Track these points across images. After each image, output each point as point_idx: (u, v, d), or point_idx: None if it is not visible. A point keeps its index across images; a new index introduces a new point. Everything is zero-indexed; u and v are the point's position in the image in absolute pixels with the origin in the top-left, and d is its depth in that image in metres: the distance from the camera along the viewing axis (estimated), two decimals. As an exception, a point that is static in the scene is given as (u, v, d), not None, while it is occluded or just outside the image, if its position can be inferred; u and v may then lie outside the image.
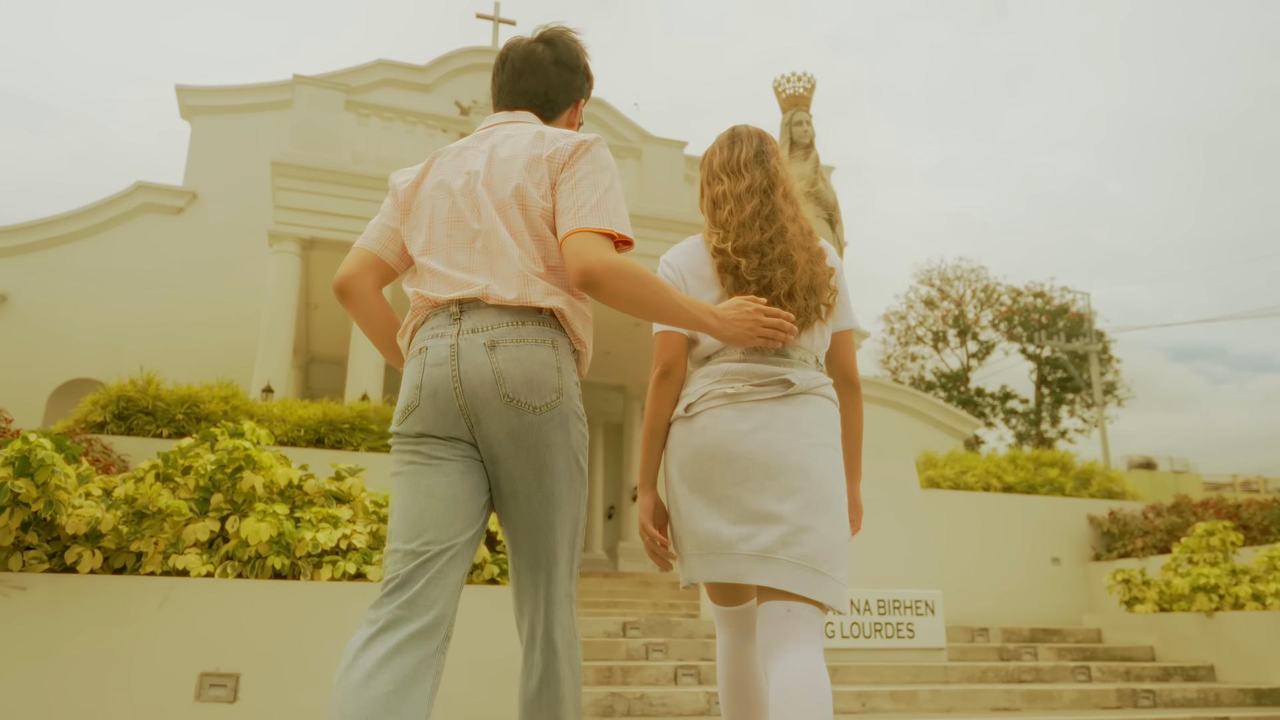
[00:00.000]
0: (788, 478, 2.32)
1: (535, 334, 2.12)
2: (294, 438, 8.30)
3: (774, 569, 2.25)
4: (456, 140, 13.32)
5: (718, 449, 2.38)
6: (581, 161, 2.21)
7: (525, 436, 2.09)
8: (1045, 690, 5.95)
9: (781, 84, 8.04)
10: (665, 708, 5.11)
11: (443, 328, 2.14)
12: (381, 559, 4.55)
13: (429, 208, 2.25)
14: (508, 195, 2.18)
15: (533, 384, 2.09)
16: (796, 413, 2.40)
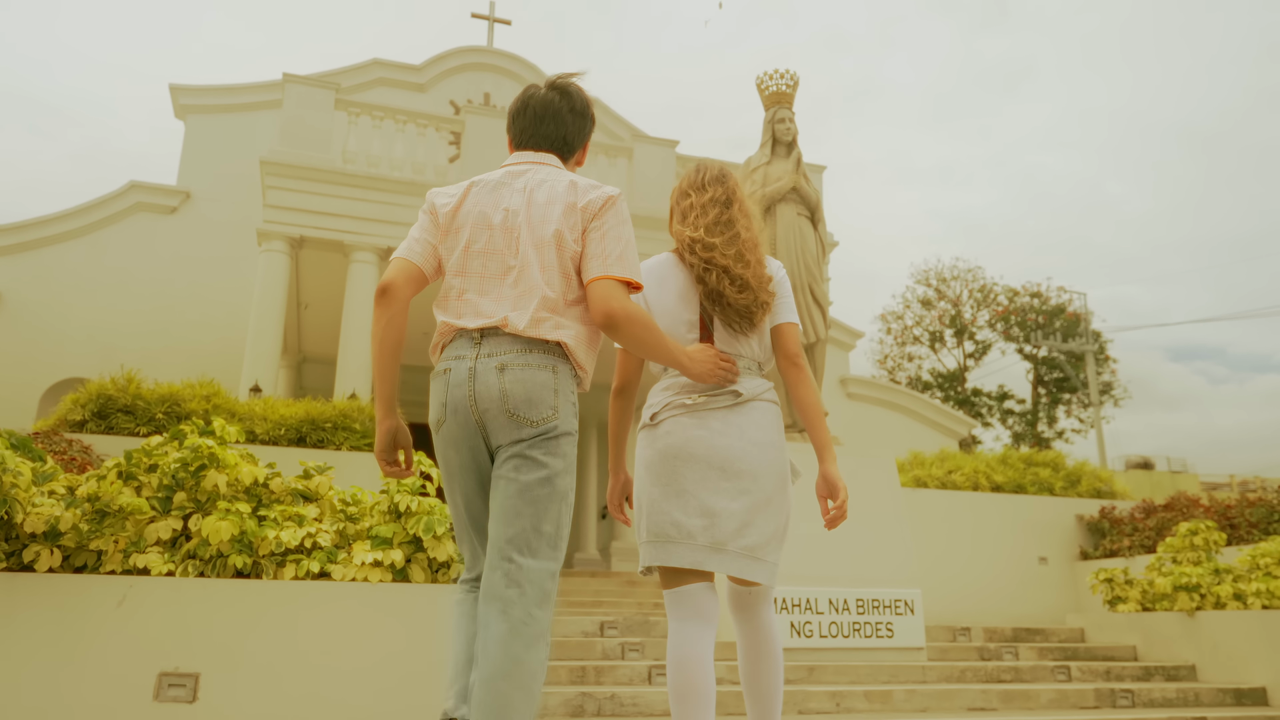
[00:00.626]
0: (739, 480, 2.82)
1: (539, 360, 2.52)
2: (275, 437, 8.27)
3: (723, 558, 2.76)
4: (446, 138, 13.30)
5: (680, 450, 2.84)
6: (609, 215, 2.63)
7: (519, 453, 2.48)
8: (1023, 690, 5.92)
9: (764, 81, 8.01)
10: (636, 708, 5.08)
11: (464, 350, 2.55)
12: (346, 558, 4.53)
13: (467, 234, 2.62)
14: (548, 236, 2.57)
15: (532, 401, 2.48)
16: (745, 419, 2.88)
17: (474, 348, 2.53)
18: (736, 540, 2.79)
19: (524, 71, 21.49)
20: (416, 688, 4.35)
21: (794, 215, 7.64)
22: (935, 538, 9.45)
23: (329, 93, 13.25)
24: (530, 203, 2.63)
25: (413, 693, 4.34)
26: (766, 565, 2.82)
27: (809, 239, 7.65)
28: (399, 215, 12.92)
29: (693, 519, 2.79)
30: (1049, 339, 29.80)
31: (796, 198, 7.72)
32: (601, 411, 19.08)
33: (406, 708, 4.31)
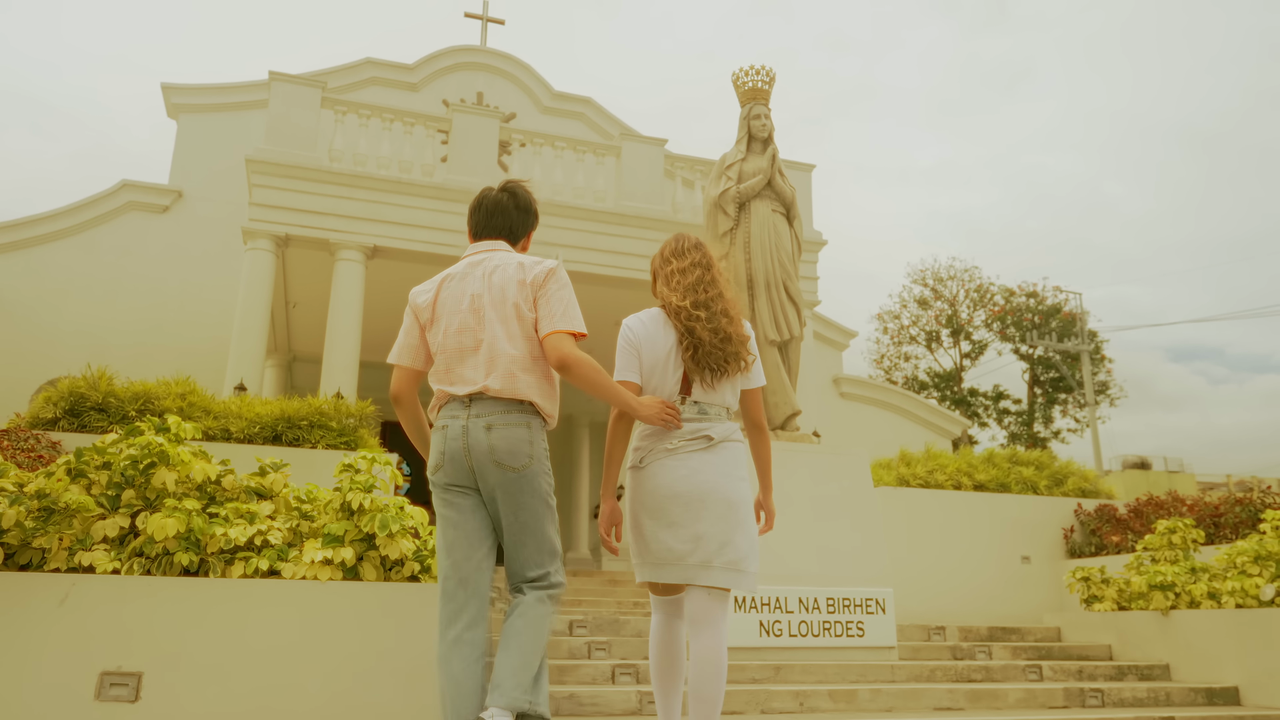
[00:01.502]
0: (717, 508, 3.40)
1: (518, 419, 3.27)
2: (251, 435, 8.24)
3: (711, 573, 3.36)
4: (433, 134, 13.26)
5: (668, 489, 3.43)
6: (551, 283, 3.37)
7: (508, 491, 3.24)
8: (991, 690, 5.88)
9: (740, 77, 7.97)
10: (595, 707, 5.04)
11: (458, 412, 3.30)
12: (296, 555, 4.49)
13: (444, 320, 3.37)
14: (508, 310, 3.32)
15: (514, 453, 3.23)
16: (718, 458, 3.48)
17: (465, 410, 3.29)
18: (720, 557, 3.37)
19: (517, 71, 21.47)
20: (366, 687, 4.31)
21: (768, 211, 7.60)
22: (917, 537, 9.40)
23: (315, 91, 13.22)
24: (489, 286, 3.36)
25: (362, 691, 4.30)
26: (748, 576, 3.41)
27: (784, 235, 7.61)
28: (385, 214, 12.90)
29: (683, 544, 3.40)
30: (1044, 339, 29.73)
31: (771, 194, 7.68)
32: (595, 410, 19.06)
33: (356, 707, 4.27)
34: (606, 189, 14.23)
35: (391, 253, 13.07)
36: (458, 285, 3.42)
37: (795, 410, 7.28)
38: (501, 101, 21.24)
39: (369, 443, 8.66)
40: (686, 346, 3.48)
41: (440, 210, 13.16)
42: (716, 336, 3.48)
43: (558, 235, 13.55)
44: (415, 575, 4.68)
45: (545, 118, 21.23)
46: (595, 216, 13.81)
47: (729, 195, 7.60)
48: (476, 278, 3.39)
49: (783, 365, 7.36)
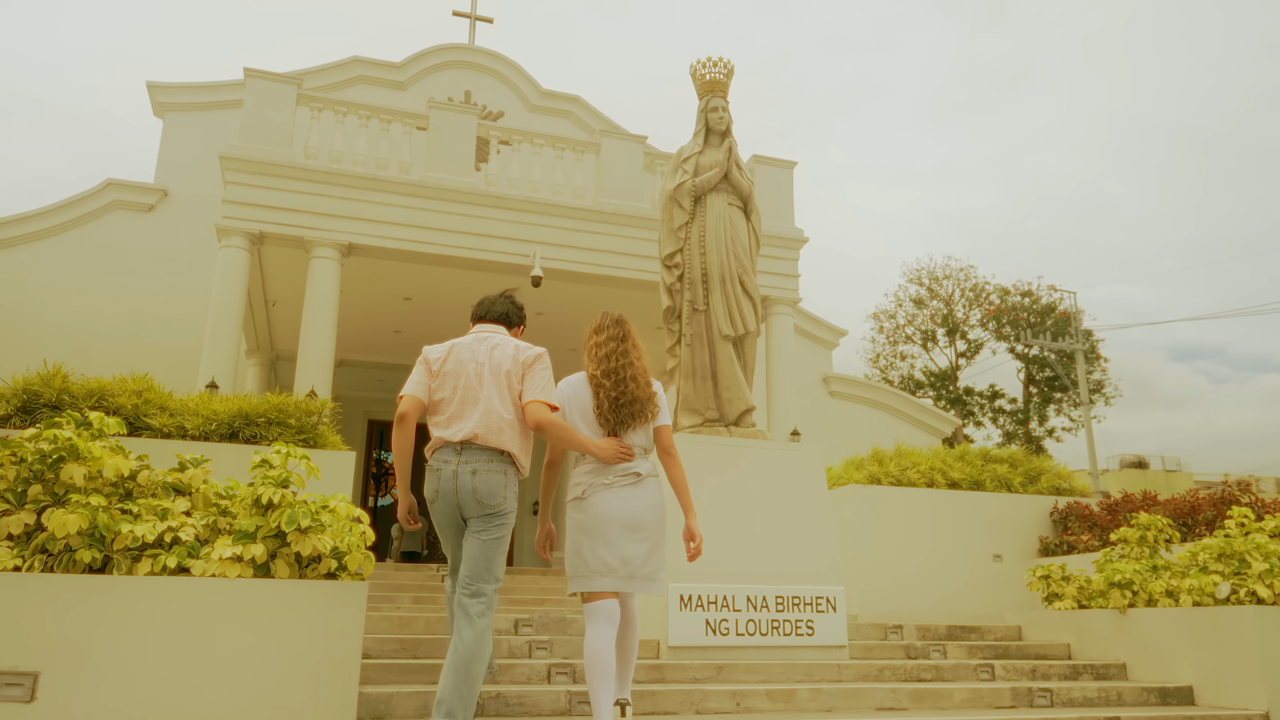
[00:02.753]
0: (642, 532, 4.41)
1: (497, 467, 4.25)
2: (207, 432, 8.14)
3: (635, 582, 4.38)
4: (411, 133, 13.14)
5: (605, 515, 4.38)
6: (537, 365, 4.41)
7: (483, 521, 4.21)
8: (937, 689, 5.77)
9: (698, 69, 7.87)
10: (522, 707, 4.94)
11: (450, 456, 4.25)
12: (208, 552, 4.40)
13: (452, 379, 4.34)
14: (502, 379, 4.33)
15: (492, 494, 4.22)
16: (644, 491, 4.48)
17: (456, 456, 4.24)
18: (641, 570, 4.41)
19: (505, 69, 21.38)
20: (276, 687, 4.22)
21: (725, 205, 7.49)
22: (888, 535, 9.29)
23: (291, 88, 13.15)
24: (491, 358, 4.38)
25: (272, 692, 4.21)
26: (659, 582, 4.49)
27: (740, 229, 7.50)
28: (361, 211, 12.81)
29: (615, 560, 4.36)
30: (1039, 338, 29.58)
31: (728, 187, 7.58)
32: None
33: (264, 708, 4.19)
34: (586, 186, 14.13)
35: (367, 250, 12.99)
36: (466, 352, 4.41)
37: (749, 406, 7.18)
38: (489, 100, 21.15)
39: (330, 440, 8.56)
40: (597, 405, 4.50)
41: (416, 208, 13.08)
42: (624, 398, 4.49)
43: (535, 233, 13.47)
44: (333, 573, 4.59)
45: (533, 116, 21.14)
46: (574, 214, 13.72)
47: (684, 189, 7.50)
48: (482, 350, 4.40)
49: (737, 360, 7.25)
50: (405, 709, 4.75)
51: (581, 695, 5.09)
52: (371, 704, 4.70)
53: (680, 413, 7.26)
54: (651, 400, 4.55)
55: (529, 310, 15.16)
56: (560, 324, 15.61)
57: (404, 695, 4.78)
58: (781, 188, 15.06)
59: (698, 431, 7.08)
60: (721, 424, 7.17)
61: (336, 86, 20.34)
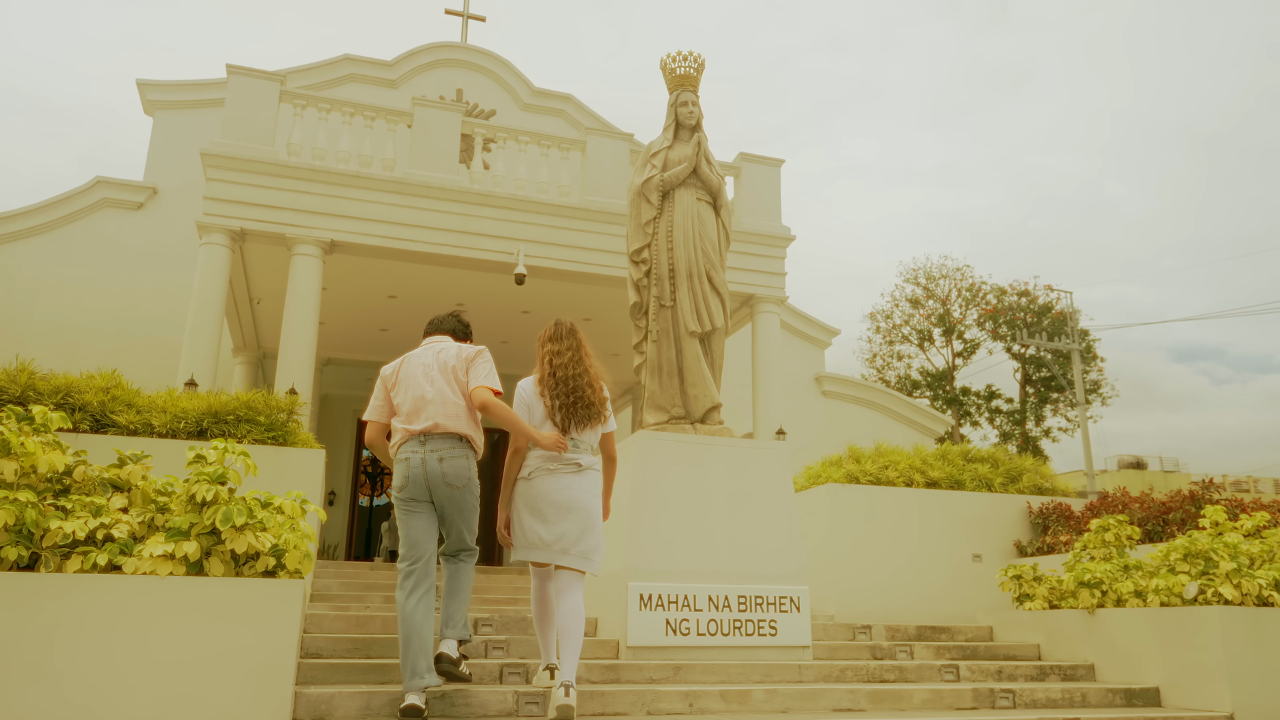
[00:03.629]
0: (578, 513, 4.96)
1: (460, 452, 4.89)
2: (174, 429, 8.07)
3: (569, 558, 4.90)
4: (395, 130, 13.06)
5: (546, 496, 4.96)
6: (478, 358, 5.04)
7: (452, 499, 4.87)
8: (896, 690, 5.68)
9: (668, 63, 7.79)
10: (468, 707, 4.86)
11: (416, 447, 4.86)
12: (140, 549, 4.33)
13: (406, 383, 4.99)
14: (450, 373, 4.97)
15: (459, 475, 4.86)
16: (584, 479, 5.04)
17: (421, 445, 4.86)
18: (575, 547, 4.93)
19: (497, 68, 21.31)
20: (208, 686, 4.15)
21: (693, 200, 7.41)
22: (864, 534, 9.20)
23: (274, 85, 13.09)
24: (438, 360, 5.04)
25: (204, 692, 4.14)
26: (594, 561, 4.99)
27: (708, 225, 7.42)
28: (344, 208, 12.74)
29: (550, 536, 4.93)
30: (1034, 337, 29.47)
31: (697, 182, 7.50)
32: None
33: (196, 707, 4.11)
34: (571, 184, 14.06)
35: (350, 248, 12.92)
36: (416, 360, 5.08)
37: (715, 403, 7.09)
38: (481, 99, 21.08)
39: (301, 437, 8.48)
40: (551, 408, 5.03)
41: (400, 205, 13.01)
42: (581, 403, 5.04)
43: (520, 230, 13.40)
44: (271, 570, 4.52)
45: (525, 114, 21.06)
46: (559, 211, 13.64)
47: (652, 183, 7.42)
48: (430, 355, 5.08)
49: (704, 357, 7.17)
50: (347, 710, 4.67)
51: (531, 696, 5.01)
52: (312, 704, 4.62)
53: (646, 410, 7.19)
54: (604, 406, 5.14)
55: (514, 308, 15.14)
56: (546, 322, 15.52)
57: (347, 695, 4.70)
58: (768, 186, 14.97)
59: (662, 428, 7.01)
60: (687, 421, 7.09)
61: (328, 85, 20.28)
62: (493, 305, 15.00)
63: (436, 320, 5.38)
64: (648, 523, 6.43)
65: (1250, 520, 7.24)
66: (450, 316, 5.43)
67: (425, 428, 4.82)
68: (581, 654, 6.08)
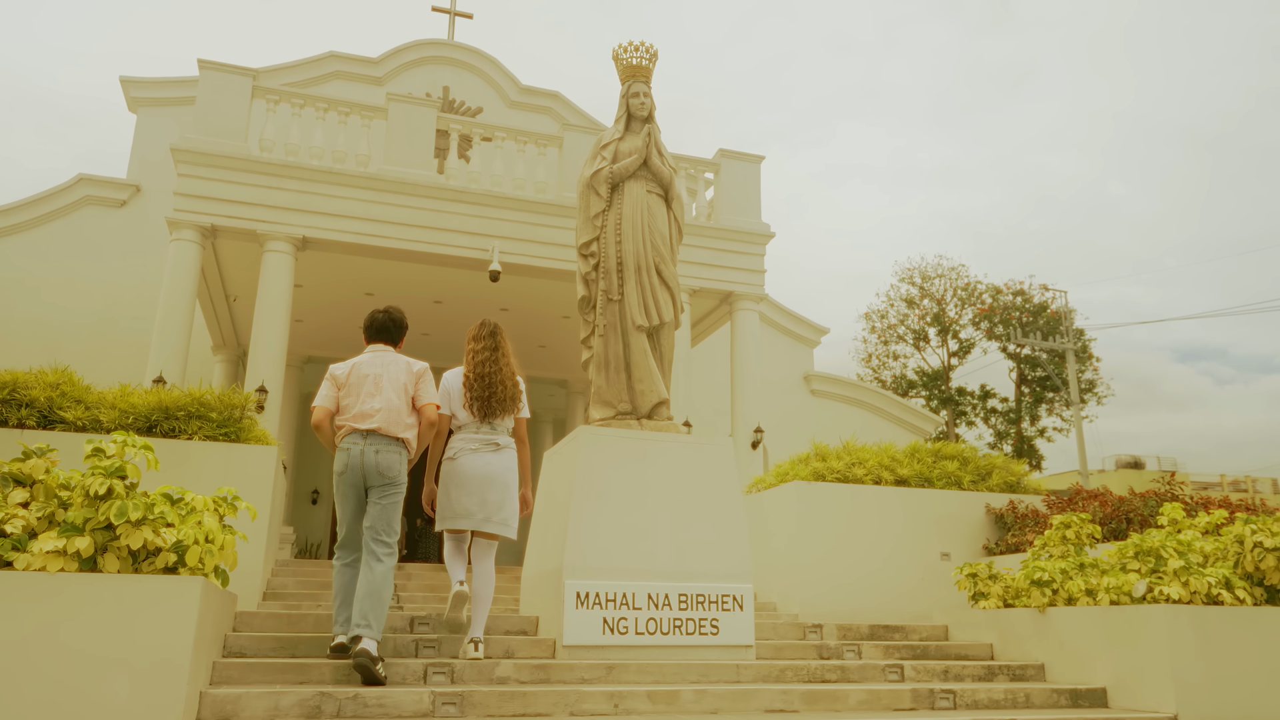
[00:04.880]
0: (495, 487, 5.90)
1: (395, 449, 5.56)
2: (122, 426, 7.96)
3: (489, 525, 5.84)
4: (370, 126, 12.94)
5: (469, 472, 5.89)
6: (425, 376, 5.78)
7: (382, 490, 5.50)
8: (832, 690, 5.55)
9: (621, 53, 7.68)
10: (381, 708, 4.75)
11: (358, 439, 5.52)
12: (33, 545, 4.21)
13: (355, 386, 5.66)
14: (400, 387, 5.66)
15: (391, 467, 5.53)
16: (502, 457, 5.98)
17: (363, 439, 5.53)
18: (495, 515, 5.89)
19: (484, 65, 21.21)
20: (97, 685, 4.04)
21: (643, 193, 7.29)
22: (828, 533, 9.05)
23: (246, 79, 13.01)
24: (384, 371, 5.71)
25: (92, 690, 4.03)
26: (510, 527, 5.92)
27: (659, 217, 7.30)
28: (317, 204, 12.64)
29: (473, 505, 5.88)
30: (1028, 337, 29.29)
31: (648, 174, 7.38)
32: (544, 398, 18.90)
33: (84, 705, 4.00)
34: (548, 180, 13.95)
35: (323, 244, 12.83)
36: (366, 368, 5.74)
37: (662, 399, 6.97)
38: (468, 96, 20.98)
39: (255, 433, 8.36)
40: (468, 399, 5.99)
41: (374, 201, 12.91)
42: (494, 397, 5.97)
43: (496, 227, 13.29)
44: (172, 567, 4.41)
45: (512, 112, 20.96)
46: (535, 208, 13.52)
47: (601, 175, 7.30)
48: (378, 364, 5.76)
49: (651, 351, 7.05)
50: (254, 710, 4.56)
51: (449, 696, 4.90)
52: (218, 704, 4.51)
53: (592, 405, 7.07)
54: (516, 397, 6.08)
55: (492, 305, 15.03)
56: (524, 320, 15.43)
57: (255, 695, 4.59)
58: (748, 182, 14.84)
59: (608, 424, 6.89)
60: (634, 417, 6.97)
61: (313, 82, 20.20)
62: (471, 302, 14.89)
63: (376, 325, 5.96)
64: (587, 520, 6.32)
65: (1208, 518, 7.10)
66: (389, 320, 5.99)
67: (369, 428, 5.54)
68: (516, 653, 6.00)
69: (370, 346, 5.90)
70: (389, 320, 5.98)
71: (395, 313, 6.05)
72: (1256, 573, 6.13)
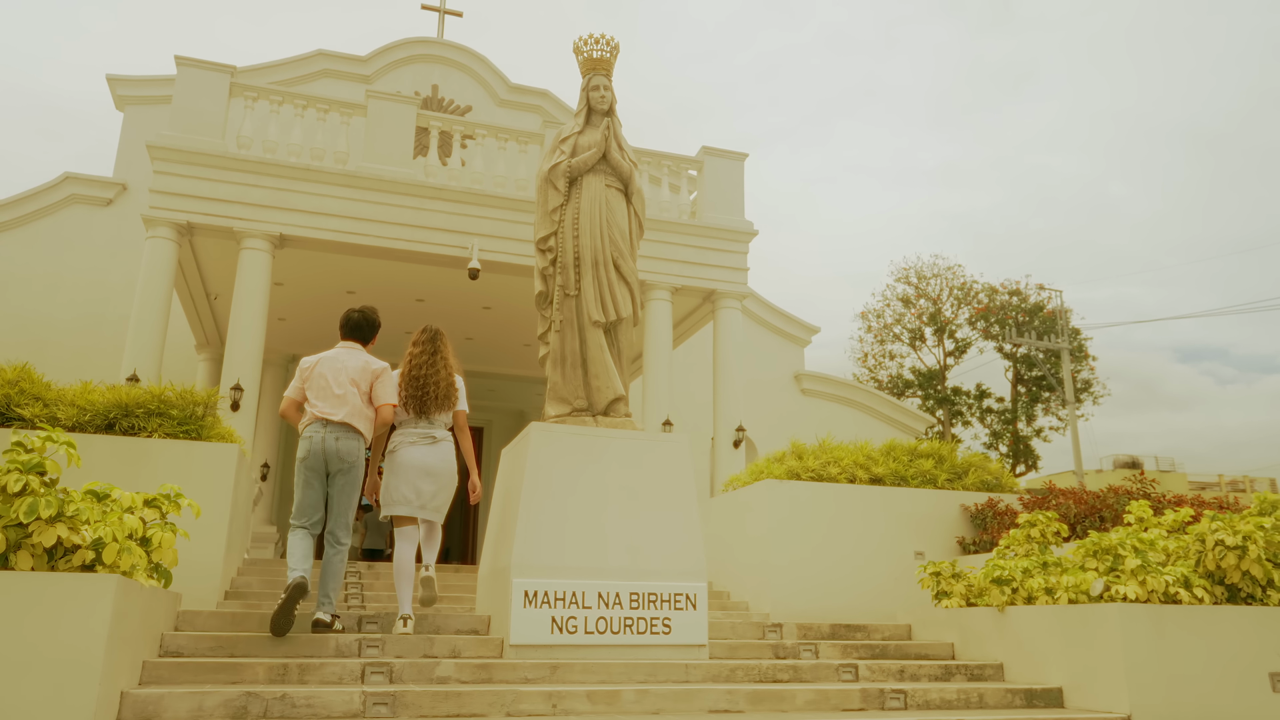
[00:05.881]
0: (434, 477, 6.41)
1: (353, 437, 6.17)
2: (81, 423, 7.88)
3: (425, 512, 6.38)
4: (349, 123, 12.85)
5: (409, 463, 6.38)
6: (384, 375, 6.36)
7: (341, 474, 6.15)
8: (779, 691, 5.45)
9: (581, 46, 7.58)
10: (310, 709, 4.66)
11: (320, 428, 6.12)
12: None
13: (319, 380, 6.23)
14: (355, 379, 6.24)
15: (350, 452, 6.14)
16: (438, 449, 6.47)
17: (324, 429, 6.11)
18: (431, 503, 6.42)
19: (473, 63, 21.12)
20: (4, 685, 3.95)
21: (602, 187, 7.20)
22: (803, 531, 8.94)
23: (224, 76, 12.92)
24: (347, 367, 6.26)
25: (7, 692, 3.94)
26: (443, 513, 6.45)
27: (618, 212, 7.20)
28: (294, 201, 12.54)
29: (412, 494, 6.36)
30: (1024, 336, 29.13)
31: (607, 168, 7.29)
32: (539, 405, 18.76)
33: None
34: (529, 178, 13.83)
35: (301, 242, 12.73)
36: (332, 363, 6.32)
37: (619, 395, 6.87)
38: (457, 94, 20.89)
39: (217, 431, 8.26)
40: (405, 397, 6.50)
41: (352, 199, 12.81)
42: (427, 396, 6.50)
43: (475, 224, 13.19)
44: (90, 565, 4.32)
45: (501, 110, 20.87)
46: (515, 205, 13.41)
47: (559, 169, 7.21)
48: (343, 360, 6.32)
49: (608, 347, 6.95)
50: (177, 710, 4.47)
51: (381, 697, 4.81)
52: (139, 705, 4.42)
53: (548, 401, 6.99)
54: (450, 395, 6.59)
55: (475, 304, 14.94)
56: (508, 318, 15.33)
57: (179, 696, 4.51)
58: (731, 180, 14.71)
59: (563, 421, 6.80)
60: (589, 413, 6.88)
61: (301, 80, 20.13)
62: (454, 300, 14.81)
63: (351, 323, 6.59)
64: (536, 518, 6.23)
65: (1174, 515, 6.99)
66: (362, 319, 6.63)
67: (331, 418, 6.15)
68: (463, 653, 5.91)
69: (342, 342, 6.50)
70: (363, 319, 6.59)
71: (370, 313, 6.65)
72: (1218, 571, 6.02)
